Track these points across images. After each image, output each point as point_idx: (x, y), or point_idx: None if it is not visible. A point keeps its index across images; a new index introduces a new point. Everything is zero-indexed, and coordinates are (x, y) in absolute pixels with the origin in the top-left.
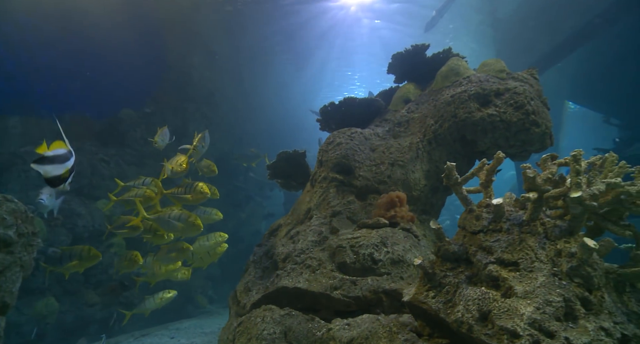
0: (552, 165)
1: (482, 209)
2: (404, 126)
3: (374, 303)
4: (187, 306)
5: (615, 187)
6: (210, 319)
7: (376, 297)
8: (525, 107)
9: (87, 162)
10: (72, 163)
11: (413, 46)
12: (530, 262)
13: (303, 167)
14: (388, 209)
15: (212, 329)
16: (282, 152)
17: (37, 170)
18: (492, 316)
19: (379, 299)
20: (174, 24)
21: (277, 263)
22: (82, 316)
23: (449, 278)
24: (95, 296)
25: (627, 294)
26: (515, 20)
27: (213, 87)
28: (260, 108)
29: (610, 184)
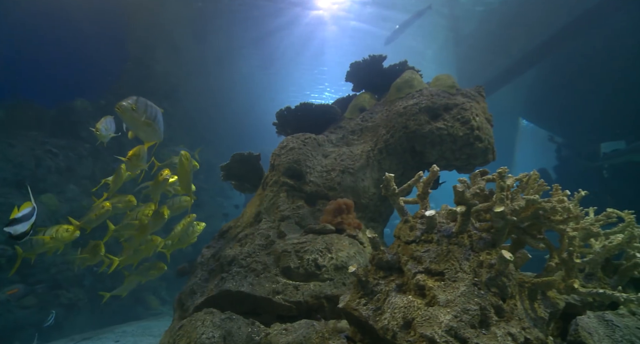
0: (480, 180)
1: (417, 220)
2: (358, 134)
3: (316, 308)
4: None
5: (534, 203)
6: (161, 321)
7: (318, 302)
8: (471, 123)
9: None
10: (34, 217)
11: (371, 56)
12: (455, 272)
13: (257, 170)
14: (335, 215)
15: (161, 331)
16: (236, 153)
17: (8, 231)
18: (415, 323)
19: (320, 304)
20: (139, 16)
21: (223, 266)
22: (15, 320)
23: (381, 286)
24: (32, 298)
25: (539, 301)
26: (475, 39)
27: (176, 82)
28: (227, 106)
29: (530, 201)
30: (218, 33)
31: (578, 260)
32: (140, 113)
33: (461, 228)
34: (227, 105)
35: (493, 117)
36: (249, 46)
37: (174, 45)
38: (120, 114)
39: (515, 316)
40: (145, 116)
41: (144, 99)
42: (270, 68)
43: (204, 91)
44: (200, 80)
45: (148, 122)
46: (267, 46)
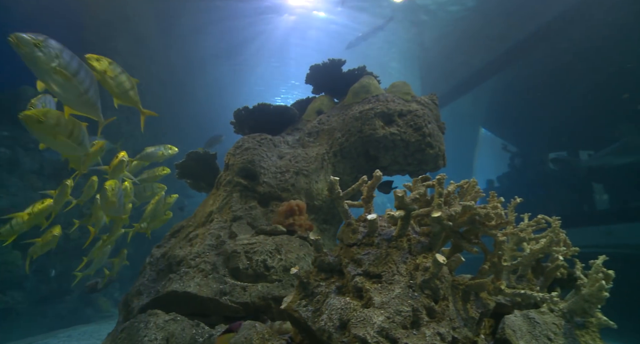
0: (421, 186)
1: (360, 224)
2: (314, 137)
3: (263, 309)
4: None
5: (470, 209)
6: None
7: (265, 303)
8: (423, 130)
9: None
10: None
11: (330, 60)
12: (392, 275)
13: (213, 169)
14: (287, 217)
15: None
16: (191, 152)
17: None
18: (350, 325)
19: (267, 305)
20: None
21: (171, 266)
22: None
23: (322, 287)
24: None
25: (471, 302)
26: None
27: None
28: (193, 103)
29: (465, 207)
30: (185, 27)
31: (506, 263)
32: (49, 56)
33: (400, 232)
34: (193, 102)
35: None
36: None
37: (137, 37)
38: (16, 49)
39: (446, 316)
40: (58, 63)
41: (67, 49)
42: (238, 68)
43: (168, 87)
44: (164, 75)
45: (62, 73)
46: (236, 43)
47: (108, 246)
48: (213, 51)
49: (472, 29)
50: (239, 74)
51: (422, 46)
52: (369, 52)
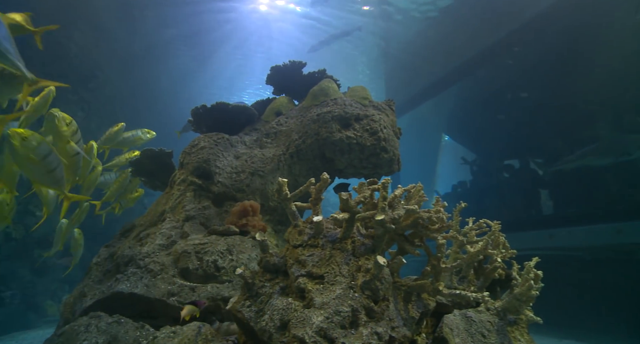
0: (366, 189)
1: (306, 225)
2: (272, 138)
3: (212, 310)
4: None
5: (413, 213)
6: None
7: (214, 304)
8: (378, 134)
9: None
10: None
11: (291, 62)
12: (334, 276)
13: (169, 167)
14: (241, 217)
15: None
16: (147, 149)
17: None
18: (291, 325)
19: (217, 306)
20: None
21: (119, 266)
22: None
23: (266, 288)
24: None
25: (413, 303)
26: (402, 57)
27: (96, 67)
28: (155, 99)
29: (409, 210)
30: (148, 19)
31: (444, 265)
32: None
33: (345, 234)
34: (155, 97)
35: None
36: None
37: (95, 25)
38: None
39: (386, 316)
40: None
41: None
42: (204, 64)
43: (130, 80)
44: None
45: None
46: (202, 38)
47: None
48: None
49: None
50: (204, 67)
51: (387, 52)
52: (336, 56)
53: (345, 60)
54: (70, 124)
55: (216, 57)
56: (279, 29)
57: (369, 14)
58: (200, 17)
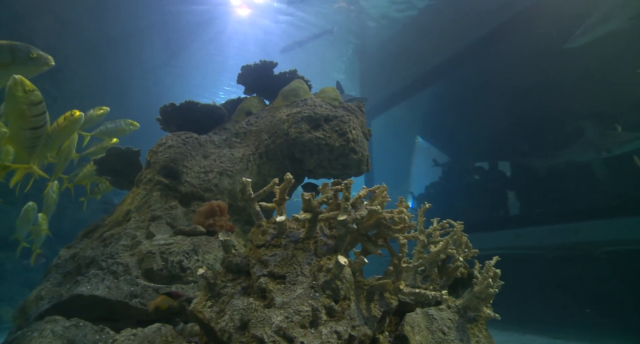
0: (329, 190)
1: (270, 225)
2: (241, 138)
3: (176, 311)
4: None
5: (375, 213)
6: None
7: (179, 305)
8: (347, 135)
9: None
10: None
11: (262, 62)
12: (295, 276)
13: (137, 166)
14: (208, 217)
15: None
16: (112, 148)
17: None
18: (250, 325)
19: (182, 307)
20: None
21: (80, 268)
22: None
23: (228, 288)
24: None
25: (375, 302)
26: (377, 58)
27: (62, 60)
28: (125, 94)
29: (371, 211)
30: (117, 10)
31: (405, 265)
32: None
33: (308, 234)
34: (126, 93)
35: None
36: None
37: (61, 18)
38: None
39: (346, 315)
40: None
41: None
42: (176, 59)
43: (99, 75)
44: (94, 62)
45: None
46: (173, 32)
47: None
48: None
49: (408, 41)
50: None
51: (362, 53)
52: (313, 55)
53: (321, 60)
54: (31, 93)
55: (189, 52)
56: (254, 24)
57: (344, 12)
58: (171, 9)
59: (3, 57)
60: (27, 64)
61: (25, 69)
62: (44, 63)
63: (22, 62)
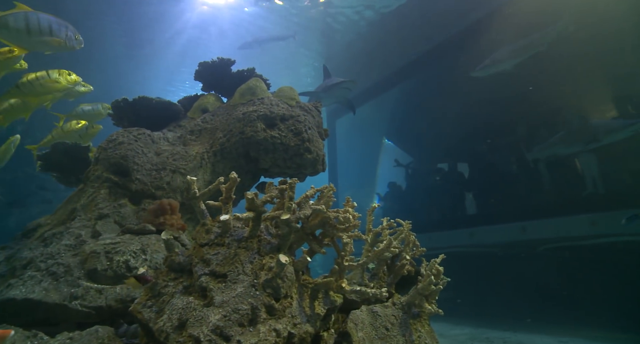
0: (273, 189)
1: (215, 224)
2: (196, 135)
3: (121, 312)
4: None
5: (320, 212)
6: None
7: (124, 306)
8: (302, 135)
9: None
10: None
11: (219, 59)
12: (237, 274)
13: (86, 163)
14: (158, 215)
15: None
16: (59, 143)
17: None
18: (188, 324)
19: (126, 308)
20: None
21: (15, 270)
22: None
23: (169, 287)
24: None
25: (320, 300)
26: (342, 58)
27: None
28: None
29: (315, 210)
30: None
31: (347, 263)
32: None
33: (251, 233)
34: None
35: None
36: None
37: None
38: None
39: (287, 313)
40: None
41: None
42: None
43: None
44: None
45: None
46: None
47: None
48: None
49: (373, 43)
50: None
51: (328, 52)
52: (279, 53)
53: (290, 58)
54: None
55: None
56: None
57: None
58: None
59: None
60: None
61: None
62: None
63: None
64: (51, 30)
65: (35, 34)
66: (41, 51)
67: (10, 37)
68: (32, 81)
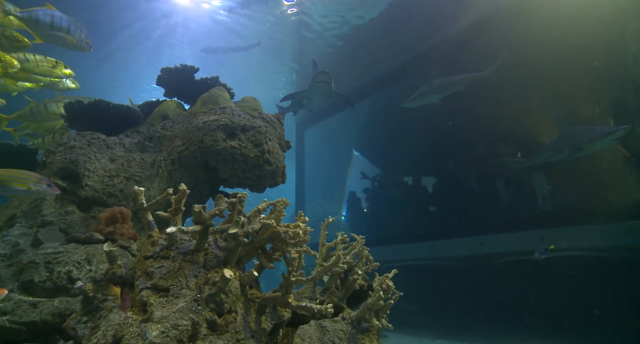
0: (223, 203)
1: (162, 236)
2: (155, 142)
3: (58, 328)
4: None
5: (269, 227)
6: None
7: (61, 321)
8: (263, 146)
9: None
10: None
11: (182, 66)
12: (180, 288)
13: (32, 165)
14: (108, 224)
15: None
16: (2, 143)
17: None
18: (124, 341)
19: (63, 323)
20: None
21: None
22: None
23: (108, 302)
24: None
25: (267, 315)
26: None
27: None
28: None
29: (265, 224)
30: None
31: (294, 279)
32: None
33: (198, 246)
34: None
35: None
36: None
37: None
38: None
39: (230, 329)
40: None
41: None
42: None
43: None
44: None
45: None
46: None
47: None
48: None
49: (343, 56)
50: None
51: (301, 62)
52: (252, 62)
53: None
54: None
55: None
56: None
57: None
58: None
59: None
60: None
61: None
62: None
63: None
64: (69, 29)
65: (56, 29)
66: (55, 45)
67: (35, 28)
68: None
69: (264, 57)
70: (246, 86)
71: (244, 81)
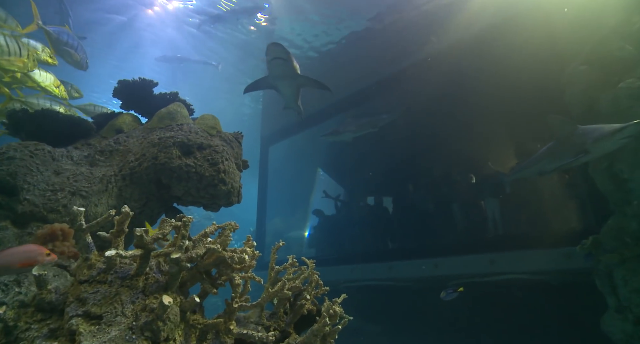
0: (167, 226)
1: (100, 259)
2: (106, 156)
3: None
4: None
5: (215, 252)
6: None
7: None
8: (219, 166)
9: None
10: None
11: (141, 79)
12: (114, 316)
13: None
14: (47, 242)
15: None
16: None
17: None
18: None
19: None
20: None
21: None
22: None
23: (31, 331)
24: None
25: (208, 341)
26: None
27: None
28: None
29: (210, 249)
30: None
31: (236, 305)
32: None
33: (138, 271)
34: None
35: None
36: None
37: None
38: None
39: None
40: None
41: None
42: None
43: None
44: None
45: None
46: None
47: None
48: None
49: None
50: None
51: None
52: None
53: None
54: None
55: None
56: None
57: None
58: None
59: None
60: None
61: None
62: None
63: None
64: (76, 49)
65: (68, 46)
66: (62, 58)
67: (53, 43)
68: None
69: (229, 75)
70: (209, 97)
71: (205, 96)
